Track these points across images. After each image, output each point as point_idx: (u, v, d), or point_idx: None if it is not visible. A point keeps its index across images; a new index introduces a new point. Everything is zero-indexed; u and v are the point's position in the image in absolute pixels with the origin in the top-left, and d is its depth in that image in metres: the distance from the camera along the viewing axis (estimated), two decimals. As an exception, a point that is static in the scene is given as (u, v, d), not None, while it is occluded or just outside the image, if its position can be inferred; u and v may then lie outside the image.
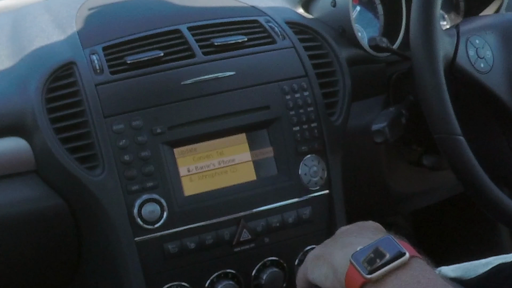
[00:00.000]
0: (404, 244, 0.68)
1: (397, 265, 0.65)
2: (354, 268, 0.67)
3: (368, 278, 0.65)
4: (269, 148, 0.97)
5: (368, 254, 0.67)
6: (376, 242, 0.68)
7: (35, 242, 0.98)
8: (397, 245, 0.67)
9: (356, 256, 0.67)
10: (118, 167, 0.90)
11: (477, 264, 1.06)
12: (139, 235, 0.91)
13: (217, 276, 0.95)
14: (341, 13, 1.12)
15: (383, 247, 0.67)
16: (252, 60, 0.99)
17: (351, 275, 0.67)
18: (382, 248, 0.67)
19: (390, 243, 0.67)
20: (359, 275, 0.66)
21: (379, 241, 0.68)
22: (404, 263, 0.65)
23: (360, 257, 0.67)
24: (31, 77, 0.94)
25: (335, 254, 0.71)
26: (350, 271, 0.67)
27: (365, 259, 0.66)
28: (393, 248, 0.67)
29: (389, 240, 0.68)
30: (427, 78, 0.89)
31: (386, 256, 0.66)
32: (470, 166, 0.90)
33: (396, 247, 0.67)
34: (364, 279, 0.65)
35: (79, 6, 1.08)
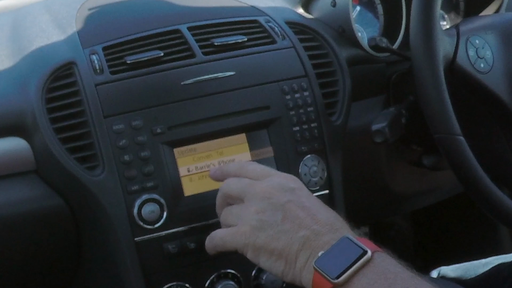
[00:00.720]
0: (363, 241, 0.69)
1: (362, 264, 0.66)
2: (320, 274, 0.68)
3: (335, 282, 0.66)
4: (269, 148, 0.97)
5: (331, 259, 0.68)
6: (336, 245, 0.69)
7: (35, 242, 0.98)
8: (358, 243, 0.68)
9: (320, 262, 0.68)
10: (118, 167, 0.90)
11: (477, 264, 1.06)
12: (139, 235, 0.90)
13: (217, 276, 0.95)
14: (341, 13, 1.12)
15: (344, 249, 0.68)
16: (252, 60, 0.99)
17: (317, 281, 0.68)
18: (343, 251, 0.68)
19: (350, 244, 0.68)
20: (326, 281, 0.67)
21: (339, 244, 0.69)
22: (368, 260, 0.67)
23: (324, 263, 0.68)
24: (31, 77, 0.94)
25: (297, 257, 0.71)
26: (316, 278, 0.68)
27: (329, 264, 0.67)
28: (353, 248, 0.68)
29: (348, 241, 0.69)
30: (427, 78, 0.89)
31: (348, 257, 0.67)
32: (470, 166, 0.90)
33: (357, 246, 0.68)
34: (332, 284, 0.66)
35: (79, 6, 1.08)
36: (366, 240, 0.69)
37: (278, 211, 0.75)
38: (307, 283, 0.70)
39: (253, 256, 0.76)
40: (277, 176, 0.80)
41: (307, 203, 0.76)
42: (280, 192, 0.76)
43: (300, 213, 0.74)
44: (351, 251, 0.67)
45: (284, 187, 0.77)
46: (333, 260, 0.68)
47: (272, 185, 0.78)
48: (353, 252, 0.67)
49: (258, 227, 0.75)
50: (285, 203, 0.75)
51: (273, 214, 0.75)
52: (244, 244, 0.76)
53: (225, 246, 0.80)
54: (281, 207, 0.75)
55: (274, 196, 0.76)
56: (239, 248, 0.78)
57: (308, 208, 0.75)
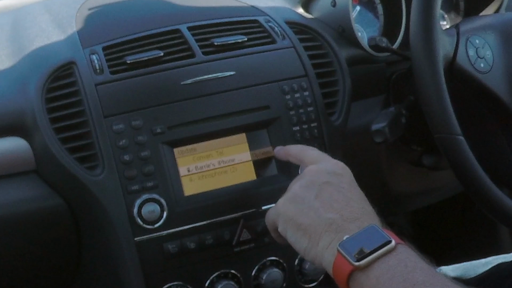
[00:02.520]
0: (389, 233, 0.70)
1: (384, 252, 0.68)
2: (342, 256, 0.69)
3: (356, 265, 0.67)
4: (269, 148, 0.97)
5: (355, 243, 0.69)
6: (363, 231, 0.70)
7: (35, 242, 0.98)
8: (383, 233, 0.70)
9: (344, 245, 0.69)
10: (118, 167, 0.90)
11: (477, 264, 1.06)
12: (139, 235, 0.90)
13: (217, 276, 0.95)
14: (341, 13, 1.12)
15: (369, 236, 0.69)
16: (252, 60, 0.99)
17: (339, 263, 0.69)
18: (369, 237, 0.69)
19: (376, 232, 0.70)
20: (348, 263, 0.68)
21: (366, 230, 0.70)
22: (391, 249, 0.68)
23: (348, 246, 0.69)
24: (31, 77, 0.94)
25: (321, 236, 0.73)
26: (338, 260, 0.69)
27: (353, 248, 0.68)
28: (379, 236, 0.69)
29: (375, 229, 0.70)
30: (427, 78, 0.89)
31: (372, 244, 0.68)
32: (470, 166, 0.90)
33: (382, 235, 0.69)
34: (353, 267, 0.68)
35: (79, 6, 1.08)
36: (392, 233, 0.70)
37: (314, 189, 0.77)
38: (328, 264, 0.71)
39: (282, 228, 0.78)
40: (329, 161, 0.83)
41: (346, 189, 0.78)
42: (324, 174, 0.79)
43: (335, 195, 0.76)
44: (376, 238, 0.69)
45: (329, 170, 0.80)
46: (357, 244, 0.69)
47: (320, 167, 0.81)
48: (377, 239, 0.69)
49: (291, 199, 0.78)
50: (323, 183, 0.78)
51: (308, 190, 0.77)
52: (277, 214, 0.79)
53: (267, 221, 0.83)
54: (319, 186, 0.77)
55: (317, 176, 0.79)
56: (274, 219, 0.80)
57: (344, 194, 0.77)
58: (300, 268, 1.00)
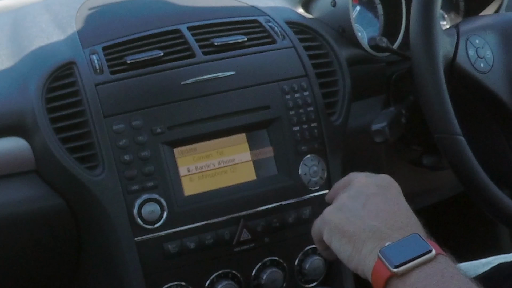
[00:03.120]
0: (431, 243, 0.71)
1: (423, 260, 0.68)
2: (381, 262, 0.69)
3: (394, 271, 0.68)
4: (269, 148, 0.97)
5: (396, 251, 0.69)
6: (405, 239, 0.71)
7: (35, 242, 0.98)
8: (424, 242, 0.70)
9: (384, 252, 0.70)
10: (118, 167, 0.90)
11: (477, 264, 1.06)
12: (139, 235, 0.91)
13: (217, 276, 0.95)
14: (341, 13, 1.12)
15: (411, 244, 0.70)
16: (252, 60, 0.99)
17: (378, 268, 0.70)
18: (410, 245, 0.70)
19: (418, 241, 0.70)
20: (386, 269, 0.68)
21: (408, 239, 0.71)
22: (430, 259, 0.68)
23: (388, 252, 0.70)
24: (31, 77, 0.94)
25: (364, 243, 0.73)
26: (378, 265, 0.70)
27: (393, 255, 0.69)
28: (420, 245, 0.70)
29: (417, 237, 0.71)
30: (427, 78, 0.89)
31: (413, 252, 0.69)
32: (470, 166, 0.90)
33: (423, 244, 0.70)
34: (391, 273, 0.68)
35: (79, 6, 1.08)
36: (435, 244, 0.71)
37: (362, 199, 0.78)
38: (368, 270, 0.71)
39: (328, 237, 0.78)
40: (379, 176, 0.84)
41: (392, 201, 0.78)
42: (372, 185, 0.80)
43: (381, 206, 0.77)
44: (417, 247, 0.69)
45: (377, 183, 0.81)
46: (397, 251, 0.69)
47: (368, 179, 0.82)
48: (418, 248, 0.69)
49: (338, 208, 0.79)
50: (371, 194, 0.79)
51: (356, 200, 0.78)
52: (323, 223, 0.79)
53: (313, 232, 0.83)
54: (366, 197, 0.78)
55: (365, 187, 0.80)
56: (320, 228, 0.80)
57: (390, 205, 0.77)
58: (300, 268, 1.00)
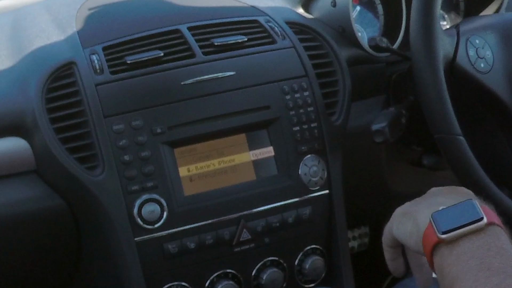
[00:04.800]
0: (486, 211, 0.68)
1: (472, 229, 0.66)
2: (431, 227, 0.68)
3: (441, 238, 0.66)
4: (269, 148, 0.97)
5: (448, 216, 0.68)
6: (459, 205, 0.69)
7: (35, 242, 0.98)
8: (478, 210, 0.68)
9: (436, 216, 0.68)
10: (118, 167, 0.90)
11: (478, 264, 1.05)
12: (139, 235, 0.91)
13: (217, 276, 0.95)
14: (341, 13, 1.12)
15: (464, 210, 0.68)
16: (252, 60, 0.99)
17: (428, 234, 0.68)
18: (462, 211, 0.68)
19: (472, 207, 0.68)
20: (435, 235, 0.67)
21: (462, 204, 0.69)
22: (480, 228, 0.66)
23: (439, 217, 0.68)
24: (31, 77, 0.94)
25: (421, 212, 0.72)
26: (428, 230, 0.68)
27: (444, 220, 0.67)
28: (473, 212, 0.67)
29: (471, 204, 0.69)
30: (427, 78, 0.89)
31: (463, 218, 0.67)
32: (470, 166, 0.90)
33: (476, 211, 0.67)
34: (438, 239, 0.66)
35: (79, 6, 1.08)
36: (490, 211, 0.69)
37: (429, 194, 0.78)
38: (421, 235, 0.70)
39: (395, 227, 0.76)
40: None
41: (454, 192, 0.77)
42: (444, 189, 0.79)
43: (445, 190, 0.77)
44: (469, 214, 0.67)
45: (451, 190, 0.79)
46: (449, 216, 0.67)
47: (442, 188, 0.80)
48: (470, 215, 0.67)
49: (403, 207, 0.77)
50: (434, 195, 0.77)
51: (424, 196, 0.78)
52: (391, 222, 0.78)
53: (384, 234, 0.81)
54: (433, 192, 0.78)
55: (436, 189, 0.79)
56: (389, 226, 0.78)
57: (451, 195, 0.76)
58: (300, 268, 1.00)
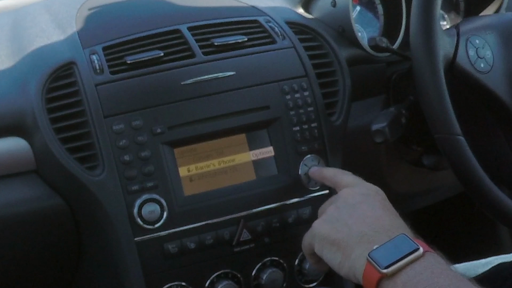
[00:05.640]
0: (418, 241, 0.72)
1: (412, 259, 0.69)
2: (371, 265, 0.71)
3: (384, 272, 0.69)
4: (269, 148, 0.97)
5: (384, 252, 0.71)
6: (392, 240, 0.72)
7: (35, 242, 0.98)
8: (412, 242, 0.71)
9: (373, 254, 0.71)
10: (118, 167, 0.90)
11: (477, 264, 1.06)
12: (139, 235, 0.91)
13: (217, 276, 0.95)
14: (341, 13, 1.12)
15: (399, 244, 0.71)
16: (252, 60, 0.99)
17: (368, 271, 0.71)
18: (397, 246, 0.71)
19: (405, 241, 0.72)
20: (376, 271, 0.70)
21: (395, 239, 0.72)
22: (418, 256, 0.69)
23: (376, 254, 0.71)
24: (31, 77, 0.94)
25: (353, 249, 0.75)
26: (368, 268, 0.71)
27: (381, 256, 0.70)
28: (407, 244, 0.71)
29: (404, 238, 0.72)
30: (427, 78, 0.89)
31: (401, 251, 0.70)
32: (470, 166, 0.90)
33: (410, 243, 0.71)
34: (381, 274, 0.69)
35: (79, 6, 1.08)
36: (422, 242, 0.72)
37: (349, 208, 0.80)
38: (359, 274, 0.73)
39: (319, 248, 0.80)
40: (363, 184, 0.86)
41: (377, 207, 0.80)
42: (358, 195, 0.82)
43: (367, 213, 0.79)
44: (404, 246, 0.70)
45: (363, 192, 0.83)
46: (386, 252, 0.71)
47: (354, 189, 0.84)
48: (406, 247, 0.70)
49: (326, 220, 0.81)
50: (358, 203, 0.81)
51: (342, 210, 0.80)
52: (313, 236, 0.81)
53: (304, 245, 0.85)
54: (353, 206, 0.80)
55: (351, 197, 0.82)
56: (310, 241, 0.82)
57: (376, 211, 0.79)
58: (300, 268, 1.00)
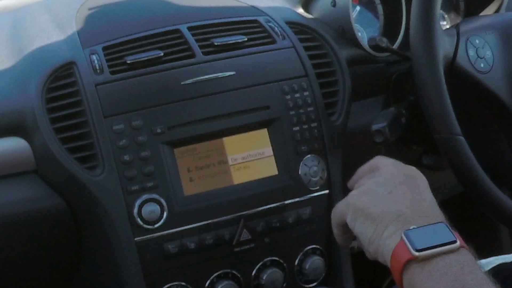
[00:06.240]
0: (457, 235, 0.69)
1: (447, 250, 0.67)
2: (404, 244, 0.68)
3: (416, 255, 0.66)
4: (269, 148, 0.97)
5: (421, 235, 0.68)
6: (431, 225, 0.70)
7: (35, 242, 0.98)
8: (451, 232, 0.69)
9: (409, 234, 0.68)
10: (118, 167, 0.90)
11: (477, 264, 1.05)
12: (139, 235, 0.91)
13: (217, 276, 0.95)
14: (341, 13, 1.12)
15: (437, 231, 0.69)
16: (252, 60, 0.99)
17: (399, 249, 0.68)
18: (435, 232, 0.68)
19: (444, 230, 0.69)
20: (407, 251, 0.67)
21: (434, 225, 0.70)
22: (454, 249, 0.67)
23: (412, 235, 0.68)
24: (31, 77, 0.94)
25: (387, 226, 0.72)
26: (399, 246, 0.68)
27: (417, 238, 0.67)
28: (446, 234, 0.68)
29: (444, 226, 0.70)
30: (427, 78, 0.89)
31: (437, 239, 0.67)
32: (470, 166, 0.90)
33: (449, 234, 0.68)
34: (411, 256, 0.66)
35: (79, 6, 1.08)
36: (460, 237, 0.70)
37: (389, 186, 0.78)
38: (387, 252, 0.70)
39: (351, 219, 0.77)
40: (406, 166, 0.84)
41: (418, 191, 0.78)
42: (400, 175, 0.80)
43: (408, 194, 0.76)
44: (443, 235, 0.68)
45: (406, 172, 0.81)
46: (422, 236, 0.68)
47: (397, 168, 0.82)
48: (444, 236, 0.68)
49: (364, 192, 0.78)
50: (399, 182, 0.78)
51: (383, 187, 0.78)
52: (348, 205, 0.78)
53: (334, 214, 0.82)
54: (394, 184, 0.78)
55: (393, 175, 0.80)
56: (343, 210, 0.79)
57: (417, 194, 0.77)
58: (300, 268, 1.00)
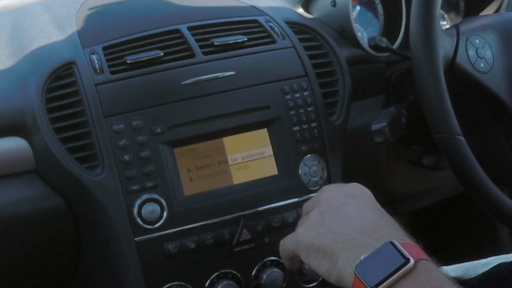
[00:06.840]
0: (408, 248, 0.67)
1: (402, 274, 0.65)
2: (359, 280, 0.67)
3: None
4: (269, 148, 0.97)
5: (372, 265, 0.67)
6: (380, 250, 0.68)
7: (35, 242, 0.98)
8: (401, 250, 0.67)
9: (360, 267, 0.67)
10: (118, 167, 0.90)
11: (477, 264, 1.06)
12: (139, 235, 0.91)
13: (217, 276, 0.95)
14: (341, 13, 1.12)
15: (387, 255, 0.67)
16: (252, 60, 0.99)
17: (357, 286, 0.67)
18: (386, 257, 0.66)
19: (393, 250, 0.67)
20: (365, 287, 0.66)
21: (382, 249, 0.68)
22: (409, 270, 0.65)
23: (364, 268, 0.67)
24: (31, 77, 0.94)
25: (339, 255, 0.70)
26: (356, 283, 0.67)
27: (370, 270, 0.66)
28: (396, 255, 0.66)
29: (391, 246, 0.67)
30: (427, 78, 0.89)
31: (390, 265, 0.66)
32: (470, 166, 0.90)
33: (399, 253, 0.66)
34: None
35: (79, 6, 1.08)
36: (412, 246, 0.68)
37: (332, 211, 0.76)
38: (348, 285, 0.69)
39: (305, 256, 0.76)
40: (345, 185, 0.82)
41: (364, 206, 0.76)
42: (342, 196, 0.78)
43: (353, 214, 0.74)
44: (393, 258, 0.66)
45: (347, 193, 0.79)
46: (374, 266, 0.66)
47: (336, 191, 0.80)
48: (395, 260, 0.66)
49: (309, 226, 0.76)
50: (341, 204, 0.76)
51: (325, 214, 0.76)
52: (297, 243, 0.77)
53: (284, 250, 0.81)
54: (337, 209, 0.76)
55: (335, 199, 0.78)
56: (294, 248, 0.78)
57: (362, 211, 0.75)
58: (300, 268, 1.00)
